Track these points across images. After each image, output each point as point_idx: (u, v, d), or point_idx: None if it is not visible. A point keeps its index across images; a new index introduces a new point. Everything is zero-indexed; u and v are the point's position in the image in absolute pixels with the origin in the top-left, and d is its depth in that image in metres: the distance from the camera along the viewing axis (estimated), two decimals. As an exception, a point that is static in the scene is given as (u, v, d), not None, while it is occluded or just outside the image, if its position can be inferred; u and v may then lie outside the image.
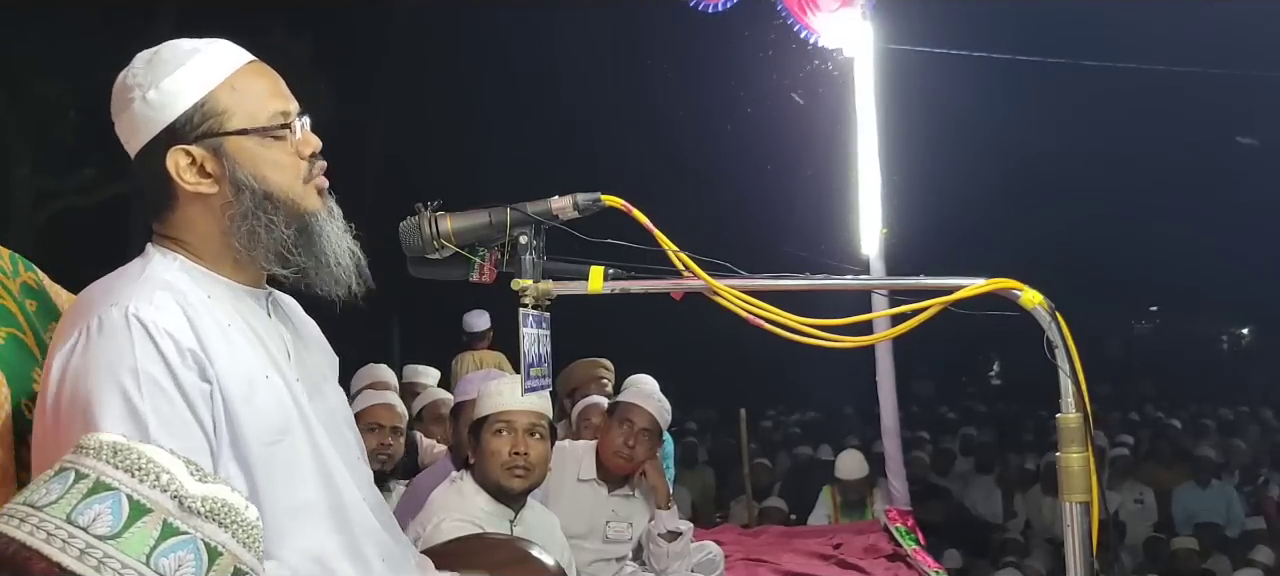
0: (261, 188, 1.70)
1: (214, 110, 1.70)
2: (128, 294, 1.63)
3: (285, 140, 1.74)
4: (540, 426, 3.07)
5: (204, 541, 1.15)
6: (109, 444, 1.18)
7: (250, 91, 1.73)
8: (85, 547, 1.10)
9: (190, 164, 1.70)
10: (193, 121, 1.69)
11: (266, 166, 1.71)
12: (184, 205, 1.73)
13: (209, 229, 1.73)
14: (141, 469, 1.16)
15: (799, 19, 5.87)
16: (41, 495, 1.14)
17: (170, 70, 1.70)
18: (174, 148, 1.69)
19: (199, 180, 1.70)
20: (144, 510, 1.14)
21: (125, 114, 1.73)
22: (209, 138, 1.69)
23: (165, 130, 1.70)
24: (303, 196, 1.75)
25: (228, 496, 1.20)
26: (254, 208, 1.70)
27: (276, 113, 1.74)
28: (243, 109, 1.71)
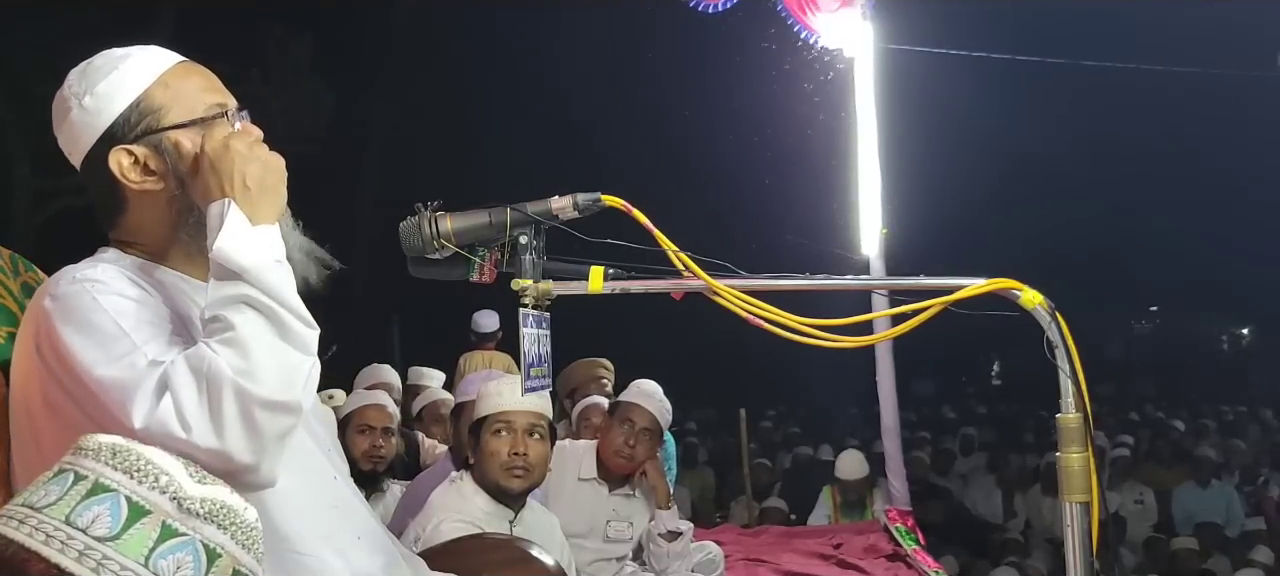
0: None
1: (150, 108, 1.72)
2: (74, 270, 1.66)
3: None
4: (540, 427, 3.07)
5: (203, 543, 1.15)
6: (108, 445, 1.18)
7: (185, 88, 1.75)
8: (84, 549, 1.10)
9: (133, 163, 1.72)
10: (130, 121, 1.71)
11: None
12: (132, 206, 1.75)
13: (158, 226, 1.75)
14: (140, 470, 1.16)
15: (799, 19, 5.87)
16: (41, 496, 1.14)
17: (103, 75, 1.73)
18: (115, 148, 1.71)
19: (143, 178, 1.72)
20: (143, 511, 1.13)
21: (65, 124, 1.76)
22: (148, 135, 1.72)
23: (105, 133, 1.72)
24: None
25: (226, 498, 1.20)
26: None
27: (213, 105, 1.75)
28: (179, 104, 1.73)
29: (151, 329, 1.57)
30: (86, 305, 1.58)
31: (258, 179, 1.62)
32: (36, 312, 1.63)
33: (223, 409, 1.43)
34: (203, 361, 1.46)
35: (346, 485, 1.88)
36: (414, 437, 4.78)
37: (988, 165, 17.81)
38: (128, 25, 10.75)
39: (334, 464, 1.88)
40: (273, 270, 1.55)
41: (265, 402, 1.45)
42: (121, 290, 1.62)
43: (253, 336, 1.49)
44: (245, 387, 1.44)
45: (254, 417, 1.44)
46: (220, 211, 1.59)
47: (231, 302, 1.51)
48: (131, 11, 10.85)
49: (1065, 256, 18.24)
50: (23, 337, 1.67)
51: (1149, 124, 17.41)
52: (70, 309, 1.58)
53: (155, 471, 1.16)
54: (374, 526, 1.90)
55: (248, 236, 1.57)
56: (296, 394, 1.50)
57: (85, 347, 1.54)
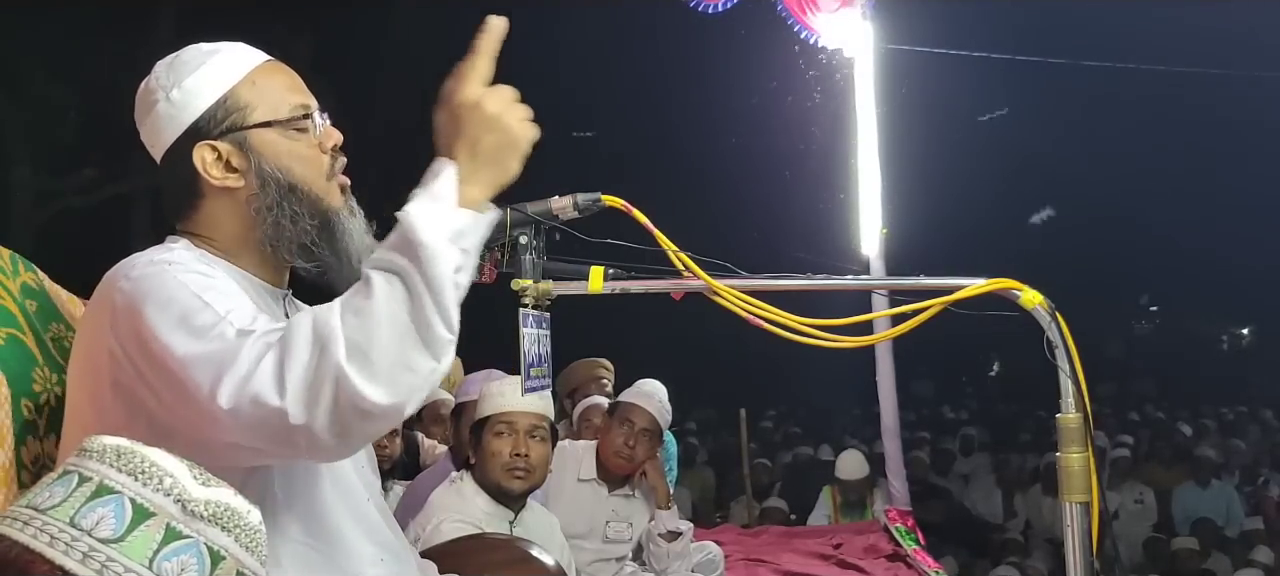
0: (286, 179, 1.72)
1: (237, 105, 1.72)
2: (146, 255, 1.64)
3: (308, 133, 1.76)
4: (541, 428, 3.07)
5: (207, 545, 1.15)
6: (112, 447, 1.18)
7: (271, 86, 1.75)
8: (88, 551, 1.10)
9: (216, 159, 1.71)
10: (216, 117, 1.71)
11: (290, 159, 1.73)
12: (209, 201, 1.74)
13: (234, 224, 1.74)
14: (144, 472, 1.16)
15: (799, 19, 5.88)
16: (45, 498, 1.14)
17: (191, 70, 1.73)
18: (199, 144, 1.71)
19: (225, 175, 1.72)
20: (147, 513, 1.13)
21: (149, 117, 1.75)
22: (233, 132, 1.71)
23: (190, 128, 1.72)
24: (326, 191, 1.76)
25: (231, 500, 1.20)
26: (279, 199, 1.71)
27: (297, 106, 1.75)
28: (265, 103, 1.73)
29: (235, 300, 1.54)
30: (167, 283, 1.54)
31: (490, 151, 1.54)
32: (109, 298, 1.59)
33: (322, 391, 1.37)
34: (328, 327, 1.40)
35: (375, 503, 1.86)
36: (414, 438, 4.78)
37: (988, 165, 17.81)
38: (128, 25, 10.77)
39: (363, 480, 1.86)
40: (445, 258, 1.44)
41: (362, 407, 1.38)
42: (199, 268, 1.60)
43: (389, 317, 1.40)
44: (350, 379, 1.37)
45: (346, 416, 1.38)
46: (434, 172, 1.52)
47: (387, 269, 1.43)
48: (131, 11, 10.85)
49: (1065, 256, 18.24)
50: (93, 326, 1.64)
51: (1149, 124, 17.40)
52: (149, 289, 1.54)
53: (159, 473, 1.16)
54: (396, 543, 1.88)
55: (443, 213, 1.48)
56: (401, 396, 1.40)
57: (168, 326, 1.49)
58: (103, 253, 1.81)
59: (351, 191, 1.82)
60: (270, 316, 1.64)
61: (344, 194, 1.79)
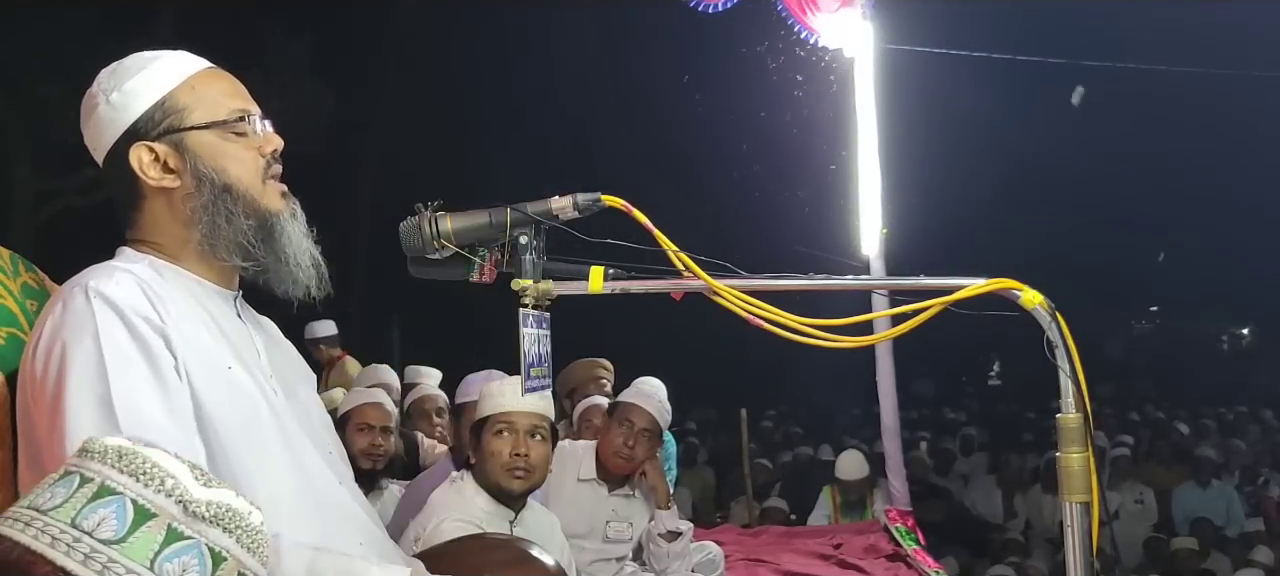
0: (221, 180, 1.76)
1: (174, 107, 1.76)
2: (89, 277, 1.68)
3: (246, 137, 1.79)
4: (541, 428, 3.07)
5: (208, 546, 1.15)
6: (114, 448, 1.18)
7: (209, 91, 1.79)
8: (90, 552, 1.10)
9: (153, 160, 1.76)
10: (154, 119, 1.76)
11: (226, 160, 1.77)
12: (149, 203, 1.79)
13: (174, 225, 1.78)
14: (146, 473, 1.16)
15: (799, 19, 5.87)
16: (46, 499, 1.14)
17: (131, 74, 1.78)
18: (136, 144, 1.76)
19: (162, 175, 1.76)
20: (148, 515, 1.13)
21: (91, 119, 1.81)
22: (170, 133, 1.76)
23: (128, 130, 1.77)
24: (262, 193, 1.80)
25: (232, 501, 1.20)
26: (214, 199, 1.75)
27: (235, 109, 1.79)
28: (202, 105, 1.77)
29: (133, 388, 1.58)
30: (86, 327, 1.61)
31: None
32: (48, 314, 1.67)
33: None
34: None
35: (349, 491, 1.89)
36: (414, 438, 4.78)
37: (988, 165, 17.80)
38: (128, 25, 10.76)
39: (336, 470, 1.89)
40: None
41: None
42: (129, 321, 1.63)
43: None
44: None
45: None
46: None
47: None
48: (131, 11, 10.85)
49: (1065, 256, 18.23)
50: (34, 335, 1.70)
51: (1149, 124, 17.40)
52: (72, 326, 1.61)
53: (161, 474, 1.16)
54: (376, 532, 1.91)
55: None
56: None
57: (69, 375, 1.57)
58: (103, 253, 1.82)
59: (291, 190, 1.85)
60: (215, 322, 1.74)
61: (285, 199, 1.83)
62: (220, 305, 1.81)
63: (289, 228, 1.81)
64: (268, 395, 1.78)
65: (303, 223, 1.84)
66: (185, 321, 1.69)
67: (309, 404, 1.94)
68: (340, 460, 1.96)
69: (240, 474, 1.67)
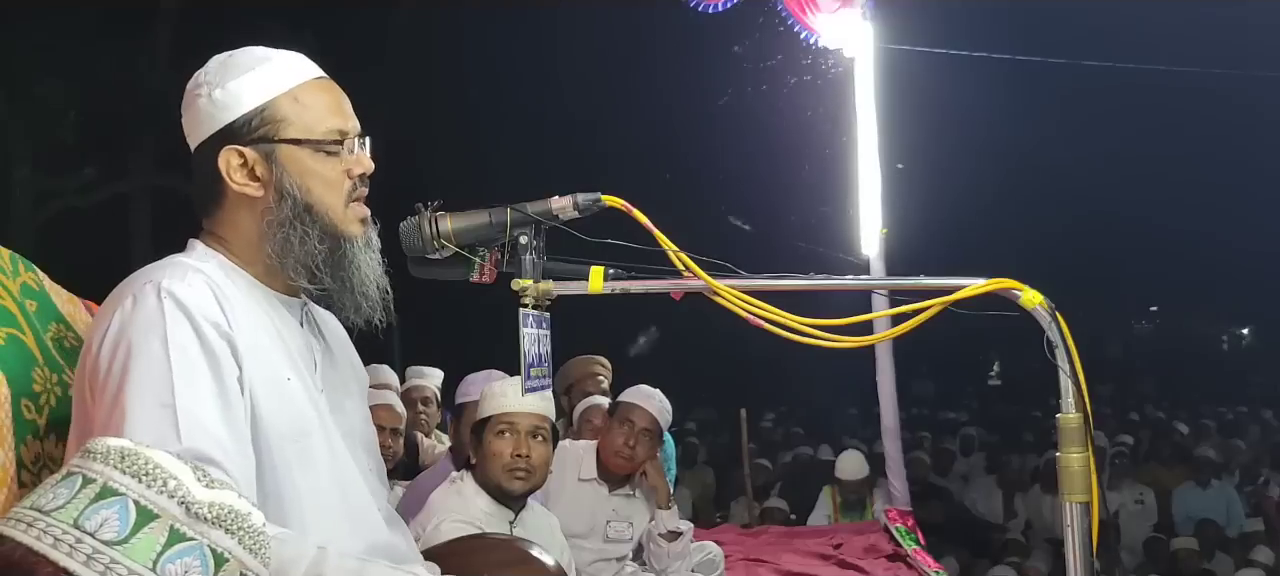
0: (303, 199, 1.74)
1: (273, 116, 1.74)
2: (162, 274, 1.68)
3: (337, 157, 1.78)
4: (542, 429, 3.07)
5: (210, 547, 1.15)
6: (117, 449, 1.18)
7: (312, 105, 1.77)
8: (92, 553, 1.10)
9: (241, 164, 1.75)
10: (251, 124, 1.74)
11: (312, 179, 1.75)
12: (230, 205, 1.77)
13: (249, 232, 1.77)
14: (149, 474, 1.16)
15: (799, 19, 5.87)
16: (49, 499, 1.14)
17: (239, 73, 1.75)
18: (227, 147, 1.74)
19: (246, 182, 1.75)
20: (151, 516, 1.14)
21: (190, 109, 1.79)
22: (263, 142, 1.74)
23: (223, 129, 1.75)
24: (342, 218, 1.78)
25: (234, 502, 1.20)
26: (292, 217, 1.74)
27: (333, 129, 1.78)
28: (301, 120, 1.75)
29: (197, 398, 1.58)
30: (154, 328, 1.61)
31: None
32: (114, 306, 1.67)
33: None
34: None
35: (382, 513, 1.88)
36: (414, 438, 4.78)
37: (988, 165, 17.81)
38: (128, 25, 10.78)
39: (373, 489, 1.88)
40: None
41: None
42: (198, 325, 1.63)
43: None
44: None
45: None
46: None
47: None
48: (131, 12, 10.86)
49: (1065, 256, 18.24)
50: (98, 324, 1.69)
51: (1149, 124, 17.41)
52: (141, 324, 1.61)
53: (164, 476, 1.16)
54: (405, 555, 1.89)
55: None
56: None
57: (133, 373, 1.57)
58: (103, 253, 1.82)
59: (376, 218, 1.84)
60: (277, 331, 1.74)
61: (364, 225, 1.81)
62: (284, 313, 1.80)
63: (360, 256, 1.79)
64: (318, 409, 1.78)
65: (376, 250, 1.83)
66: (250, 330, 1.69)
67: (355, 420, 1.92)
68: (378, 480, 1.95)
69: (288, 483, 1.68)
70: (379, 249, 1.84)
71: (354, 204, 1.80)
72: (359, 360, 2.03)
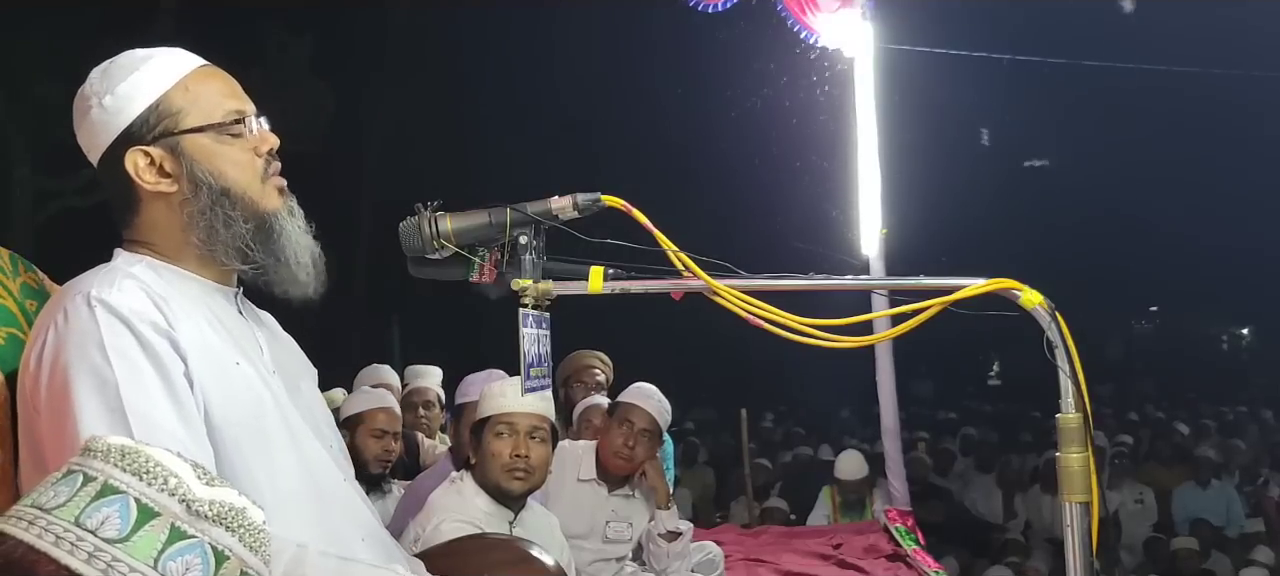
0: (218, 184, 1.74)
1: (169, 110, 1.74)
2: (90, 284, 1.66)
3: (242, 138, 1.77)
4: (542, 429, 3.07)
5: (211, 544, 1.15)
6: (117, 447, 1.18)
7: (204, 91, 1.77)
8: (93, 550, 1.10)
9: (149, 164, 1.74)
10: (149, 122, 1.74)
11: (223, 162, 1.75)
12: (146, 206, 1.77)
13: (171, 228, 1.77)
14: (149, 472, 1.16)
15: (799, 19, 5.87)
16: (49, 497, 1.14)
17: (124, 76, 1.75)
18: (132, 149, 1.74)
19: (158, 179, 1.74)
20: (152, 513, 1.14)
21: (84, 122, 1.78)
22: (165, 137, 1.74)
23: (123, 133, 1.74)
24: (261, 194, 1.78)
25: (234, 500, 1.20)
26: (211, 204, 1.74)
27: (231, 110, 1.77)
28: (197, 108, 1.75)
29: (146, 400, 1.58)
30: (91, 338, 1.59)
31: None
32: (48, 322, 1.65)
33: None
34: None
35: (353, 488, 1.89)
36: (414, 438, 4.77)
37: (988, 165, 17.82)
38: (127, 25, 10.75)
39: (340, 465, 1.89)
40: None
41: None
42: (135, 328, 1.62)
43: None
44: None
45: None
46: None
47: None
48: (131, 11, 10.84)
49: (1065, 256, 18.24)
50: (33, 341, 1.68)
51: (1149, 124, 17.41)
52: (77, 337, 1.60)
53: (164, 473, 1.16)
54: (378, 529, 1.91)
55: None
56: None
57: (77, 387, 1.56)
58: (103, 253, 1.82)
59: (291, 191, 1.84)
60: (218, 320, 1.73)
61: (282, 194, 1.81)
62: (221, 302, 1.79)
63: (287, 226, 1.79)
64: (273, 391, 1.77)
65: (301, 219, 1.83)
66: (189, 322, 1.68)
67: (312, 399, 1.93)
68: (342, 455, 1.95)
69: (246, 471, 1.67)
70: (303, 217, 1.83)
71: (269, 179, 1.80)
72: (302, 353, 2.03)
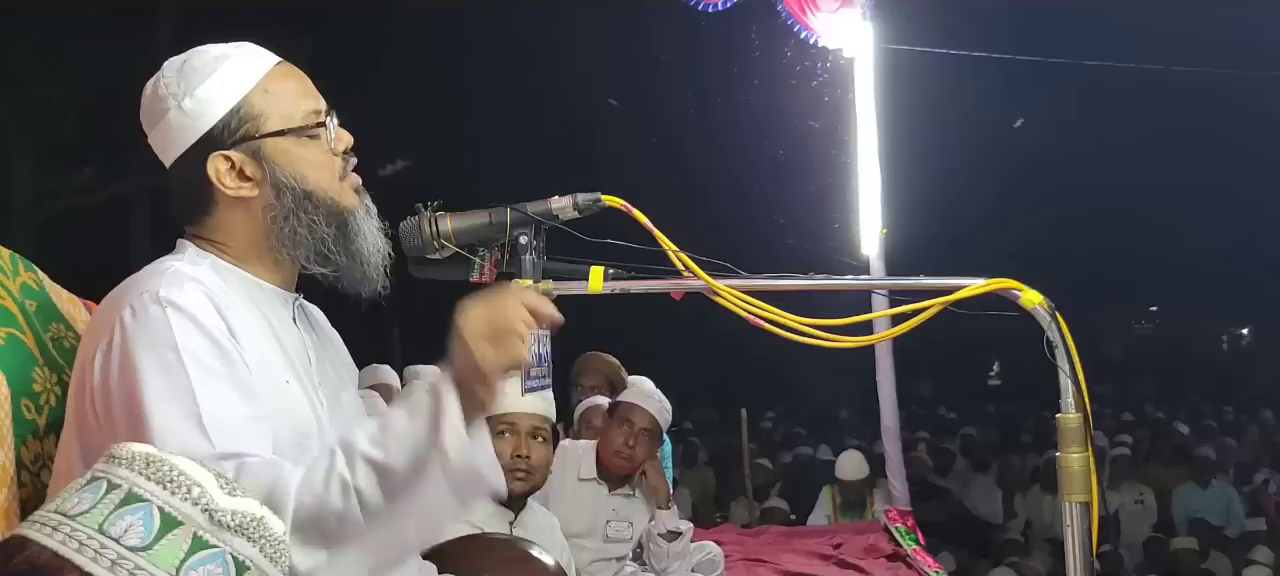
0: (301, 187, 1.73)
1: (250, 114, 1.72)
2: (158, 284, 1.64)
3: (320, 139, 1.76)
4: (542, 429, 3.07)
5: (232, 555, 1.15)
6: (142, 455, 1.18)
7: (283, 93, 1.75)
8: (117, 558, 1.10)
9: (230, 169, 1.72)
10: (230, 127, 1.71)
11: (305, 166, 1.74)
12: (222, 210, 1.75)
13: (248, 232, 1.75)
14: (173, 481, 1.16)
15: (799, 19, 5.88)
16: (73, 504, 1.14)
17: (203, 77, 1.72)
18: (214, 154, 1.71)
19: (240, 184, 1.72)
20: (175, 523, 1.14)
21: (160, 124, 1.75)
22: (247, 141, 1.71)
23: (203, 138, 1.71)
24: (340, 194, 1.77)
25: (256, 510, 1.20)
26: (295, 208, 1.72)
27: (309, 112, 1.76)
28: (277, 111, 1.73)
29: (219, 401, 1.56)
30: (163, 338, 1.57)
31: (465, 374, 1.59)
32: (112, 318, 1.62)
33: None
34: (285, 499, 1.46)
35: None
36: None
37: (988, 165, 17.81)
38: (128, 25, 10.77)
39: None
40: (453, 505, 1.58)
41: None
42: (206, 328, 1.60)
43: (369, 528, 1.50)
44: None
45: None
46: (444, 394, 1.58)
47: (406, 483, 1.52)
48: (131, 11, 10.85)
49: (1065, 256, 18.23)
50: (93, 337, 1.65)
51: (1149, 124, 17.40)
52: (147, 336, 1.58)
53: (188, 482, 1.16)
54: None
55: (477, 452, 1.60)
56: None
57: (148, 386, 1.54)
58: (103, 253, 1.82)
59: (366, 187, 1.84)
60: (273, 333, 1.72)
61: (358, 194, 1.81)
62: (278, 310, 1.78)
63: (364, 225, 1.79)
64: (316, 410, 1.76)
65: (375, 217, 1.82)
66: (248, 333, 1.67)
67: (351, 411, 1.92)
68: None
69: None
70: (376, 215, 1.83)
71: (347, 178, 1.80)
72: (348, 353, 2.02)
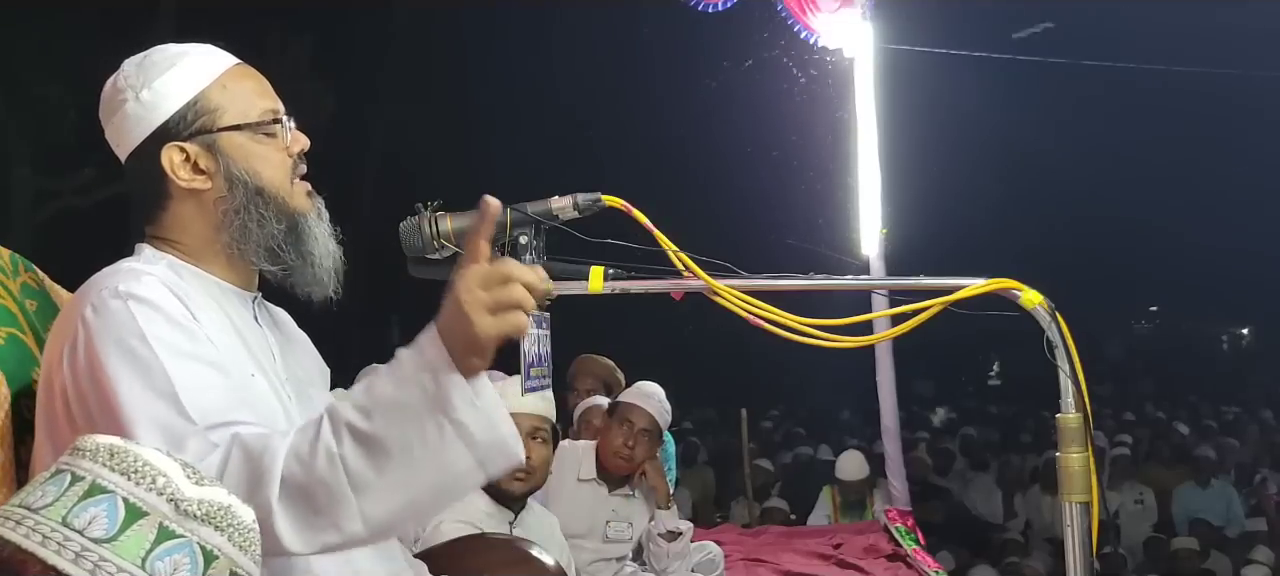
0: (253, 182, 1.74)
1: (206, 108, 1.73)
2: (116, 280, 1.65)
3: (276, 138, 1.77)
4: (542, 429, 3.07)
5: (200, 544, 1.15)
6: (106, 446, 1.17)
7: (240, 91, 1.77)
8: (81, 550, 1.09)
9: (184, 160, 1.73)
10: (186, 119, 1.73)
11: (258, 162, 1.75)
12: (176, 204, 1.76)
13: (201, 226, 1.76)
14: (138, 471, 1.15)
15: (799, 19, 5.88)
16: (37, 497, 1.14)
17: (161, 71, 1.74)
18: (168, 145, 1.73)
19: (193, 176, 1.73)
20: (140, 513, 1.13)
21: (117, 116, 1.76)
22: (202, 134, 1.73)
23: (158, 129, 1.73)
24: (291, 194, 1.78)
25: (223, 499, 1.19)
26: (246, 202, 1.73)
27: (266, 110, 1.77)
28: (234, 106, 1.75)
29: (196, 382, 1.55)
30: (129, 330, 1.57)
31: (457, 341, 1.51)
32: (74, 319, 1.62)
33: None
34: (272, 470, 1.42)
35: None
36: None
37: (988, 165, 17.82)
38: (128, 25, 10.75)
39: None
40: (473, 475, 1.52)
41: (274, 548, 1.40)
42: (171, 315, 1.60)
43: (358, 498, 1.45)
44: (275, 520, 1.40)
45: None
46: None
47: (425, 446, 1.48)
48: (131, 11, 10.85)
49: (1065, 256, 18.24)
50: (57, 340, 1.65)
51: (1149, 124, 17.41)
52: (113, 330, 1.57)
53: (153, 473, 1.16)
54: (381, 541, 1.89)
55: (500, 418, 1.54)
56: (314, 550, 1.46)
57: (119, 377, 1.53)
58: (103, 253, 1.81)
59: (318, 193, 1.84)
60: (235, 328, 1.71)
61: (310, 198, 1.82)
62: (238, 308, 1.79)
63: (315, 228, 1.80)
64: (283, 403, 1.76)
65: (327, 222, 1.83)
66: (211, 327, 1.67)
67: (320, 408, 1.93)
68: None
69: None
70: (329, 220, 1.83)
71: (298, 181, 1.80)
72: (317, 353, 2.02)
